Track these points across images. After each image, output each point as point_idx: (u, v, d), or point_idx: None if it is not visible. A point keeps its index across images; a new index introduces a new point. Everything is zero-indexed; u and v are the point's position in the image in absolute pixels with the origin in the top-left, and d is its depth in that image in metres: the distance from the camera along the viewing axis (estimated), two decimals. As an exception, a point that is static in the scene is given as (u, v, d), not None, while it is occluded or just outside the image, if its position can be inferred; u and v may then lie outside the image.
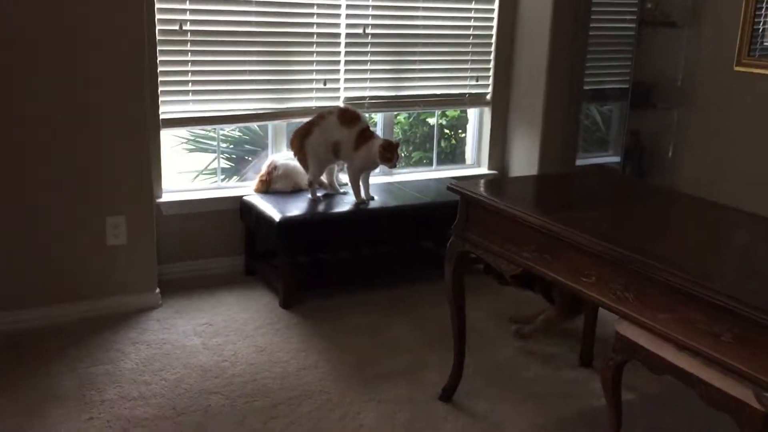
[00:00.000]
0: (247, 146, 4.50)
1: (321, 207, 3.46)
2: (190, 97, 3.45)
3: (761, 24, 3.41)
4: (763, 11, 3.40)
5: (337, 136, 3.41)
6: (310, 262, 3.56)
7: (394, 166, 3.51)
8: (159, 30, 3.28)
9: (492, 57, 4.12)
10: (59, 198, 2.99)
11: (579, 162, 4.14)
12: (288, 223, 3.26)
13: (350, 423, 2.43)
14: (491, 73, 4.14)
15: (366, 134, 3.43)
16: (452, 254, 2.45)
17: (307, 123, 3.48)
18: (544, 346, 2.99)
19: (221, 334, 3.01)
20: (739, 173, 3.61)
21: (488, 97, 4.18)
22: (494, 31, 4.08)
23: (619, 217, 2.28)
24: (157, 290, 3.26)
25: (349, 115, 3.44)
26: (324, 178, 3.60)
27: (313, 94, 3.72)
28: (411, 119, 4.62)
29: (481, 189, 2.44)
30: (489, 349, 2.95)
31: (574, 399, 2.63)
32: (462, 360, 2.55)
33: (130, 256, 3.16)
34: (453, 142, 4.67)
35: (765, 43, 3.42)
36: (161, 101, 3.36)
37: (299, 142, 3.45)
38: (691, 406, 2.41)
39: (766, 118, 3.47)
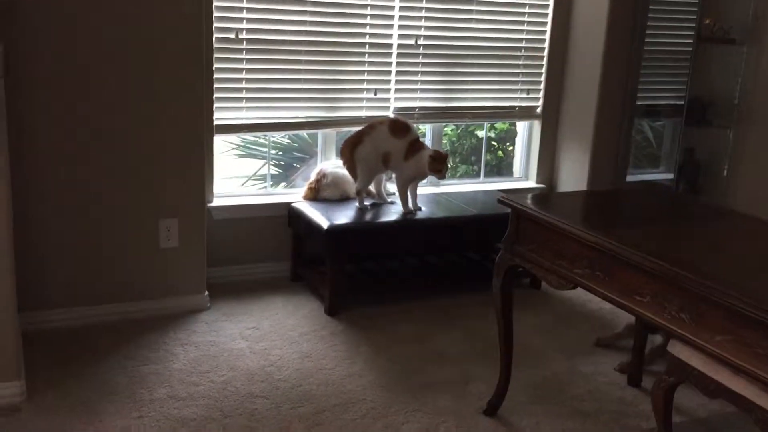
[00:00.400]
0: (295, 153, 4.55)
1: (369, 216, 3.48)
2: (244, 104, 3.52)
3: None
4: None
5: (387, 147, 3.43)
6: (356, 270, 3.58)
7: (444, 177, 3.51)
8: (216, 38, 3.35)
9: (543, 70, 4.11)
10: (114, 200, 3.07)
11: (630, 178, 4.08)
12: (336, 230, 3.28)
13: (394, 433, 2.43)
14: (542, 86, 4.12)
15: (416, 145, 3.44)
16: (501, 268, 2.44)
17: (358, 132, 3.51)
18: (591, 364, 2.95)
19: (267, 338, 3.04)
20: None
21: (538, 110, 4.16)
22: (546, 44, 4.07)
23: (674, 236, 2.25)
24: (206, 293, 3.32)
25: (400, 126, 3.46)
26: (372, 187, 3.62)
27: (364, 104, 3.75)
28: (459, 131, 4.62)
29: (533, 203, 2.43)
30: (535, 364, 2.92)
31: (622, 419, 2.58)
32: (509, 374, 2.53)
33: (181, 258, 3.23)
34: (500, 154, 4.65)
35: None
36: (215, 107, 3.43)
37: (349, 150, 3.48)
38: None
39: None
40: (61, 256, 3.02)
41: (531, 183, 4.24)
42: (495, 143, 4.65)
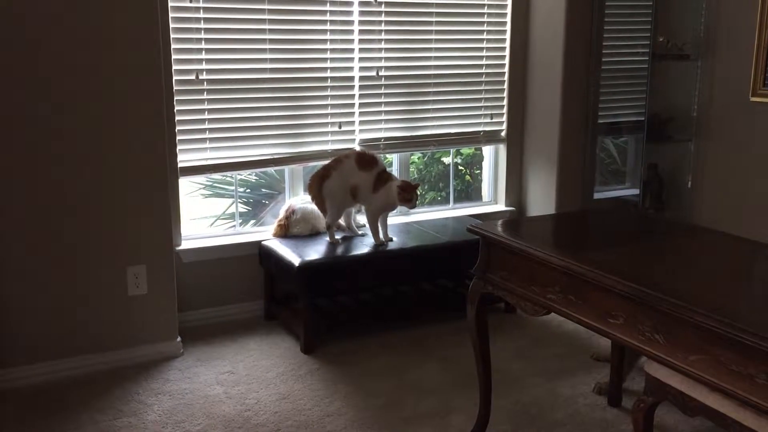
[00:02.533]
0: (263, 190, 4.52)
1: (340, 250, 3.46)
2: (207, 144, 3.49)
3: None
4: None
5: (355, 180, 3.42)
6: (330, 305, 3.55)
7: (414, 207, 3.51)
8: (176, 80, 3.33)
9: (505, 94, 4.15)
10: (80, 250, 3.01)
11: (597, 196, 4.12)
12: (308, 267, 3.25)
13: (377, 472, 2.39)
14: (505, 110, 4.16)
15: (384, 176, 3.44)
16: (474, 296, 2.43)
17: (325, 167, 3.50)
18: (570, 387, 2.94)
19: (243, 382, 2.99)
20: (757, 203, 3.58)
21: (503, 134, 4.19)
22: (507, 68, 4.11)
23: (643, 256, 2.26)
24: (179, 339, 3.25)
25: (367, 159, 3.46)
26: (342, 220, 3.60)
27: (329, 137, 3.75)
28: (426, 158, 4.63)
29: (502, 230, 2.43)
30: (515, 390, 2.91)
31: (604, 441, 2.58)
32: (488, 402, 2.51)
33: (151, 305, 3.17)
34: (468, 179, 4.68)
35: (780, 73, 3.41)
36: (179, 150, 3.39)
37: (317, 185, 3.46)
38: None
39: (784, 147, 3.45)
40: (25, 310, 2.95)
41: (500, 206, 4.26)
42: (462, 168, 4.67)
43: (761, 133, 3.54)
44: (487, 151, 4.33)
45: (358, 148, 3.77)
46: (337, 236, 3.53)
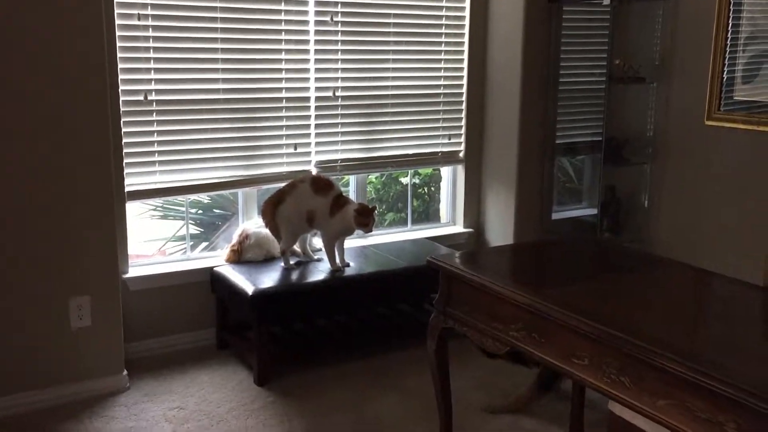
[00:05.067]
0: (216, 211, 4.39)
1: (295, 276, 3.35)
2: (157, 167, 3.35)
3: (731, 78, 3.44)
4: (729, 66, 3.43)
5: (311, 205, 3.32)
6: (285, 333, 3.43)
7: (370, 231, 3.43)
8: (123, 101, 3.19)
9: (463, 115, 4.10)
10: (19, 279, 2.84)
11: (555, 216, 4.10)
12: (261, 295, 3.13)
13: None
14: (463, 130, 4.12)
15: (340, 201, 3.34)
16: (435, 330, 2.35)
17: (279, 192, 3.39)
18: (534, 417, 2.89)
19: (193, 418, 2.85)
20: (713, 225, 3.60)
21: (461, 154, 4.14)
22: (465, 89, 4.07)
23: (607, 292, 2.20)
24: (125, 372, 3.10)
25: (323, 183, 3.36)
26: (297, 246, 3.49)
27: (284, 159, 3.64)
28: (384, 178, 4.56)
29: (463, 263, 2.36)
30: (478, 423, 2.84)
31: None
32: (449, 436, 2.44)
33: (95, 338, 3.01)
34: (427, 198, 4.62)
35: (734, 98, 3.43)
36: (126, 173, 3.25)
37: (271, 211, 3.35)
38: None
39: (738, 172, 3.47)
40: (-41, 347, 2.77)
41: (459, 228, 4.21)
42: (420, 189, 4.61)
43: (716, 156, 3.56)
44: (446, 171, 4.28)
45: (314, 170, 3.67)
46: (292, 261, 3.43)
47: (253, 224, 3.57)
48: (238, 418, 2.85)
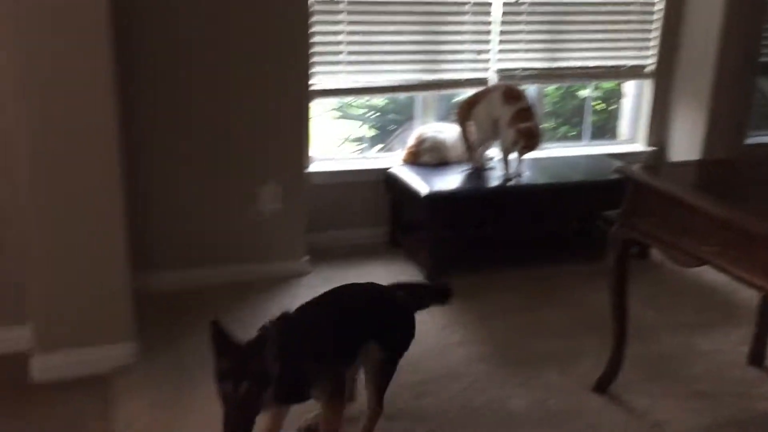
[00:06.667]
0: (392, 115, 4.48)
1: (469, 181, 3.39)
2: (342, 68, 3.46)
3: None
4: None
5: (497, 113, 3.33)
6: (455, 237, 3.51)
7: (526, 152, 3.37)
8: (312, 1, 3.29)
9: (656, 26, 3.84)
10: (219, 166, 3.10)
11: (749, 141, 3.81)
12: (435, 197, 3.21)
13: (499, 407, 2.37)
14: (655, 43, 3.86)
15: (521, 114, 3.29)
16: (617, 242, 2.31)
17: (475, 94, 3.45)
18: (709, 342, 2.79)
19: (369, 305, 3.02)
20: None
21: (650, 69, 3.91)
22: (661, -2, 3.80)
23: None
24: (307, 257, 3.33)
25: (512, 94, 3.35)
26: (480, 151, 3.51)
27: (465, 66, 3.62)
28: (561, 91, 4.42)
29: (655, 174, 2.28)
30: (649, 340, 2.79)
31: (744, 401, 2.43)
32: (622, 350, 2.42)
33: (281, 223, 3.24)
34: (605, 115, 4.43)
35: None
36: (314, 71, 3.38)
37: (465, 112, 3.40)
38: None
39: None
40: (167, 220, 3.09)
41: (639, 146, 4.03)
42: (599, 104, 4.42)
43: None
44: (630, 86, 4.06)
45: (495, 78, 3.63)
46: (469, 168, 3.45)
47: (431, 128, 3.62)
48: (408, 310, 2.99)
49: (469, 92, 3.54)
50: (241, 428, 1.72)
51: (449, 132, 3.59)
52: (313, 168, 3.52)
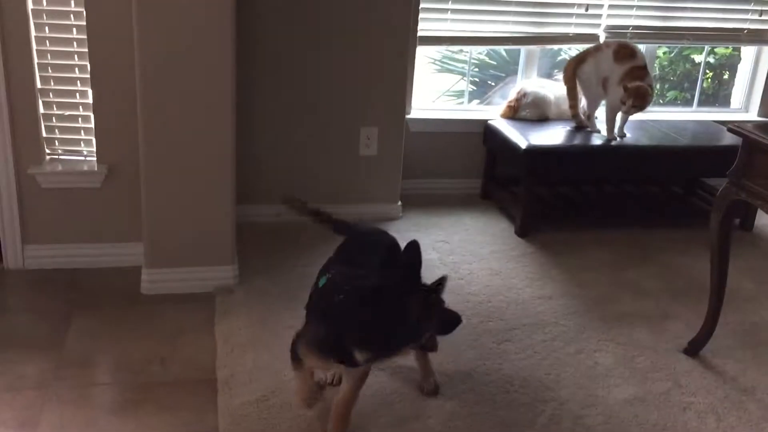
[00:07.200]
0: (491, 71, 4.44)
1: (569, 139, 3.35)
2: (449, 15, 3.45)
3: None
4: None
5: (607, 71, 3.26)
6: (550, 193, 3.49)
7: (631, 114, 3.27)
8: (424, -56, 3.29)
9: (783, -12, 3.64)
10: (322, 107, 3.18)
11: None
12: (534, 151, 3.19)
13: (585, 359, 2.38)
14: (779, 6, 3.67)
15: (634, 73, 3.20)
16: (724, 202, 2.24)
17: (584, 52, 3.38)
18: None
19: (457, 252, 3.07)
20: None
21: (771, 34, 3.72)
22: (791, -42, 3.59)
23: None
24: (399, 203, 3.39)
25: (625, 51, 3.26)
26: (585, 109, 3.45)
27: (573, 20, 3.55)
28: (672, 54, 4.26)
29: (771, 133, 2.19)
30: (744, 309, 2.72)
31: (843, 378, 2.35)
32: (717, 314, 2.37)
33: (378, 166, 3.30)
34: (717, 83, 4.25)
35: None
36: (420, 18, 3.39)
37: (572, 69, 3.36)
38: None
39: None
40: (269, 159, 3.21)
41: (752, 115, 3.85)
42: (709, 71, 4.24)
43: None
44: (748, 52, 3.87)
45: (603, 36, 3.54)
46: (572, 126, 3.41)
47: (532, 84, 3.58)
48: (498, 260, 3.02)
49: (575, 48, 3.47)
50: None
51: (551, 88, 3.55)
52: (412, 115, 3.55)
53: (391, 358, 1.89)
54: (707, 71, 4.19)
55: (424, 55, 4.13)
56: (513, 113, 3.53)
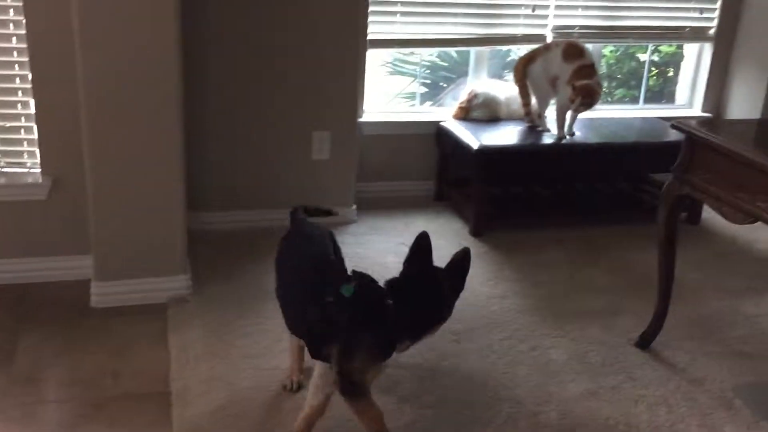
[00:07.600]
0: (443, 72, 4.47)
1: (519, 138, 3.39)
2: (398, 18, 3.46)
3: None
4: None
5: (556, 70, 3.30)
6: (502, 193, 3.53)
7: (578, 112, 3.33)
8: (371, -53, 3.29)
9: (721, -13, 3.74)
10: (272, 112, 3.16)
11: (810, 110, 3.71)
12: (485, 151, 3.22)
13: (540, 356, 2.41)
14: (718, 4, 3.76)
15: (582, 72, 3.25)
16: (669, 197, 2.30)
17: (533, 51, 3.41)
18: (755, 306, 2.77)
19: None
20: None
21: (711, 31, 3.82)
22: (727, -43, 3.69)
23: None
24: (354, 206, 3.38)
25: (573, 50, 3.30)
26: (534, 108, 3.49)
27: (521, 21, 3.59)
28: (618, 53, 4.34)
29: (712, 129, 2.25)
30: (692, 301, 2.78)
31: (787, 364, 2.43)
32: (665, 308, 2.43)
33: (332, 170, 3.29)
34: (661, 81, 4.35)
35: None
36: (370, 21, 3.39)
37: (522, 68, 3.39)
38: None
39: None
40: (221, 164, 3.17)
41: (695, 111, 3.95)
42: (654, 68, 4.34)
43: None
44: (690, 49, 3.98)
45: (551, 36, 3.59)
46: (523, 125, 3.45)
47: (482, 84, 3.61)
48: (453, 261, 3.03)
49: (524, 49, 3.51)
50: None
51: (501, 88, 3.59)
52: (364, 118, 3.55)
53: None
54: (652, 69, 4.29)
55: (377, 55, 4.15)
56: (465, 114, 3.56)
